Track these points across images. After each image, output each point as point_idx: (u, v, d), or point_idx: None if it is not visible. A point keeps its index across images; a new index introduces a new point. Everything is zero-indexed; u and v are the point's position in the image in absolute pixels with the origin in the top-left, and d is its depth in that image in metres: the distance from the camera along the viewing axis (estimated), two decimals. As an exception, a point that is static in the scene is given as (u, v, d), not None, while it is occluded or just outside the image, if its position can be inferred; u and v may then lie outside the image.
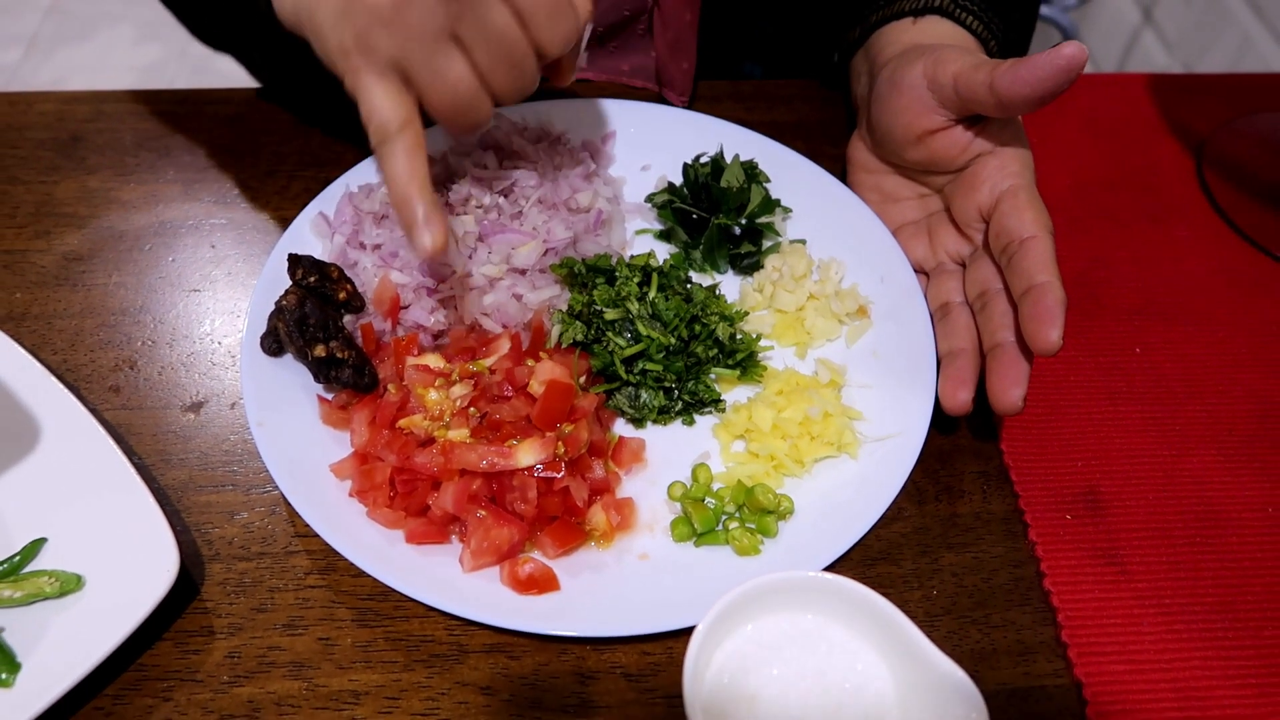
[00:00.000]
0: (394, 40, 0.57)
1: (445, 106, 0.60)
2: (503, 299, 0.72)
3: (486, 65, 0.59)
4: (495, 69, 0.59)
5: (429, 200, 0.60)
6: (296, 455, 0.65)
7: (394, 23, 0.56)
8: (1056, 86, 0.64)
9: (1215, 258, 0.85)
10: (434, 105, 0.60)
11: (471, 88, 0.59)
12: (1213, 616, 0.64)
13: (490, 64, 0.59)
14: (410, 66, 0.58)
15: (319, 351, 0.66)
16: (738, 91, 0.95)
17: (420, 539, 0.63)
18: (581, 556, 0.64)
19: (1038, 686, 0.61)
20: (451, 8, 0.56)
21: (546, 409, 0.64)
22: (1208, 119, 0.95)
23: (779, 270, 0.77)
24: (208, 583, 0.63)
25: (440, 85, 0.59)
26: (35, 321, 0.75)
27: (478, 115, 0.61)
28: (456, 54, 0.58)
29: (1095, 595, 0.65)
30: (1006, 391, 0.65)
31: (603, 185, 0.80)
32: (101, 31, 2.52)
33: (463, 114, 0.60)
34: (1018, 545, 0.67)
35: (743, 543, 0.64)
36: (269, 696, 0.59)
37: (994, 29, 0.78)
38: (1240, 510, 0.69)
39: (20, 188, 0.84)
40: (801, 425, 0.68)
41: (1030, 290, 0.64)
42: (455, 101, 0.59)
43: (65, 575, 0.60)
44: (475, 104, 0.60)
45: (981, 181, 0.71)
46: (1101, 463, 0.71)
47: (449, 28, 0.57)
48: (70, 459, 0.64)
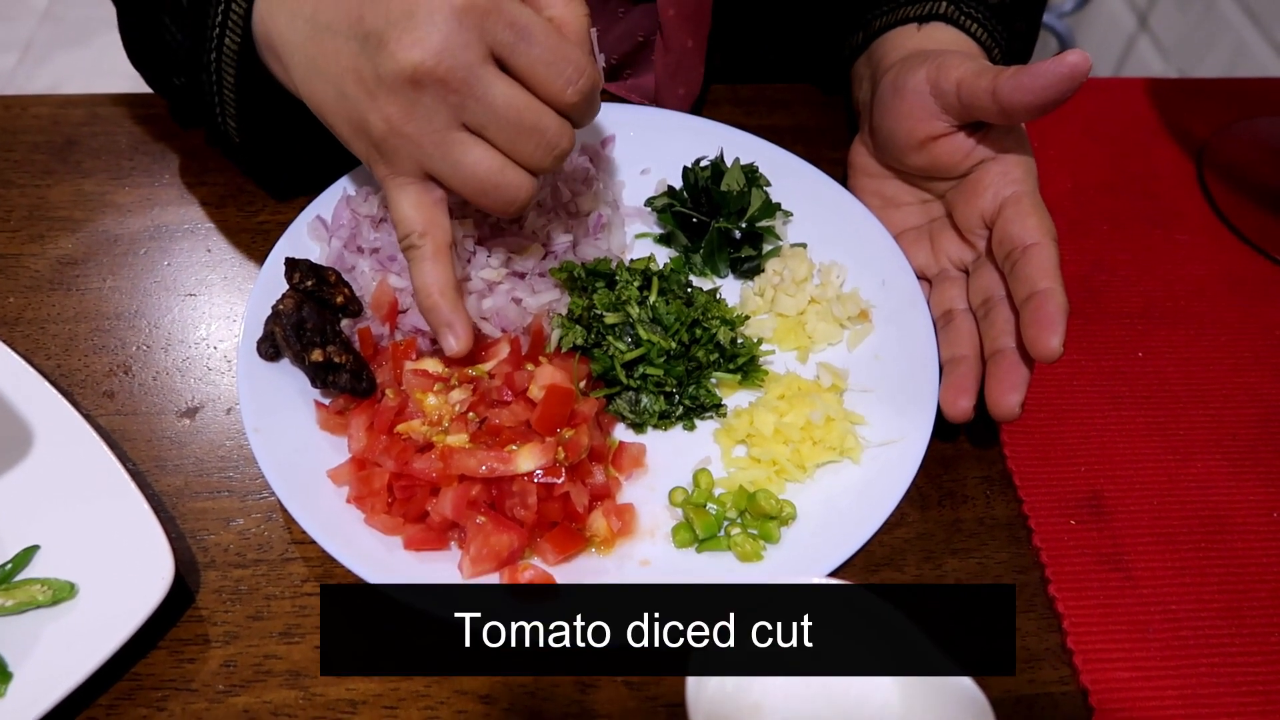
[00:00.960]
0: (407, 150, 0.59)
1: (475, 193, 0.61)
2: (502, 303, 0.71)
3: (504, 141, 0.59)
4: (514, 142, 0.59)
5: (452, 305, 0.64)
6: (293, 461, 0.64)
7: (400, 135, 0.59)
8: (1060, 95, 0.64)
9: (1217, 262, 0.85)
10: (465, 194, 0.61)
11: (494, 169, 0.59)
12: (1218, 622, 0.64)
13: (507, 139, 0.59)
14: (430, 167, 0.60)
15: (316, 356, 0.65)
16: (737, 96, 0.95)
17: (419, 545, 0.62)
18: (582, 563, 0.63)
19: (1043, 694, 0.61)
20: (451, 100, 0.57)
21: (546, 414, 0.63)
22: (1208, 123, 0.95)
23: (780, 274, 0.77)
24: (203, 590, 0.62)
25: (462, 175, 0.60)
26: (29, 326, 0.75)
27: (513, 192, 0.61)
28: (471, 141, 0.59)
29: (1100, 601, 0.64)
30: (1004, 397, 0.65)
31: (602, 189, 0.80)
32: (97, 37, 2.51)
33: (494, 194, 0.60)
34: (1021, 551, 0.67)
35: (745, 549, 0.63)
36: (265, 706, 0.58)
37: (997, 36, 0.78)
38: (1245, 515, 0.69)
39: (14, 191, 0.83)
40: (803, 430, 0.68)
41: (1032, 297, 0.64)
42: (482, 185, 0.60)
43: (58, 583, 0.59)
44: (503, 182, 0.60)
45: (984, 188, 0.71)
46: (1105, 468, 0.71)
47: (454, 121, 0.58)
48: (64, 465, 0.64)
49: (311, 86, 0.63)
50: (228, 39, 0.67)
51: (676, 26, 0.86)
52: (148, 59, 0.76)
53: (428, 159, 0.60)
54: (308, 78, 0.62)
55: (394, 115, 0.58)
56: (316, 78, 0.62)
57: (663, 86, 0.90)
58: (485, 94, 0.57)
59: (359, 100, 0.59)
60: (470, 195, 0.61)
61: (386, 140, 0.60)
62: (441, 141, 0.59)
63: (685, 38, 0.87)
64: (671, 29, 0.86)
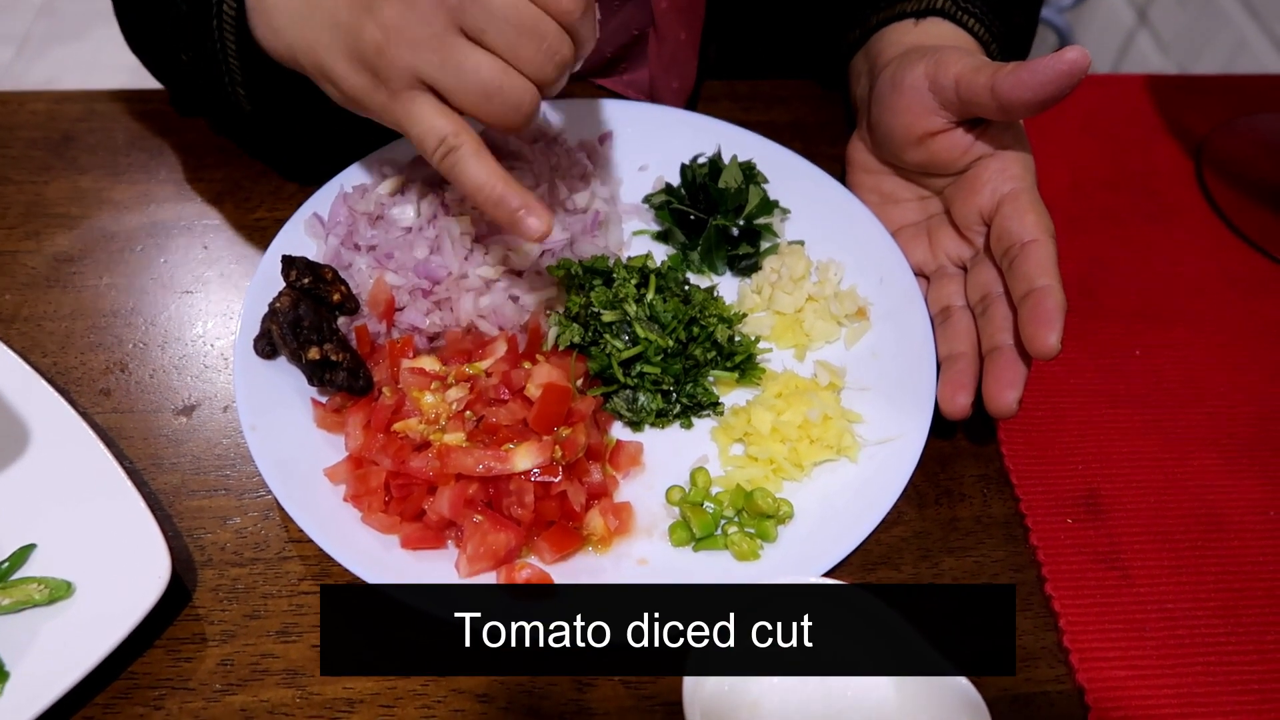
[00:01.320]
0: (405, 59, 0.57)
1: (477, 101, 0.58)
2: (499, 301, 0.71)
3: (505, 46, 0.57)
4: (516, 46, 0.56)
5: (519, 190, 0.60)
6: (290, 459, 0.64)
7: (398, 43, 0.57)
8: (1058, 91, 0.64)
9: (1215, 259, 0.85)
10: (466, 104, 0.59)
11: (496, 73, 0.57)
12: (1215, 621, 0.64)
13: (508, 43, 0.56)
14: (430, 75, 0.58)
15: (313, 354, 0.65)
16: (734, 91, 0.95)
17: (416, 544, 0.62)
18: (579, 561, 0.63)
19: (1040, 692, 0.61)
20: (448, 2, 0.56)
21: (543, 412, 0.63)
22: (1206, 120, 0.95)
23: (777, 272, 0.76)
24: (200, 589, 0.62)
25: (464, 81, 0.57)
26: (25, 324, 0.74)
27: (516, 100, 0.57)
28: (470, 46, 0.57)
29: (1097, 600, 0.64)
30: (1002, 394, 0.65)
31: (600, 186, 0.80)
32: (94, 31, 2.50)
33: (497, 101, 0.57)
34: (1018, 549, 0.67)
35: (742, 547, 0.63)
36: (262, 705, 0.58)
37: (995, 31, 0.78)
38: (1242, 514, 0.69)
39: (11, 188, 0.83)
40: (801, 428, 0.68)
41: (1030, 294, 0.64)
42: (485, 91, 0.57)
43: (55, 582, 0.59)
44: (507, 89, 0.57)
45: (982, 184, 0.71)
46: (1102, 466, 0.71)
47: (452, 24, 0.56)
48: (60, 463, 0.63)
49: (302, 33, 0.61)
50: (226, 3, 0.66)
51: (670, 19, 0.86)
52: (150, 41, 0.75)
53: (427, 65, 0.57)
54: (298, 24, 0.61)
55: (390, 19, 0.57)
56: (306, 22, 0.60)
57: (657, 80, 0.90)
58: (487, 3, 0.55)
59: (354, 18, 0.58)
60: (473, 104, 0.58)
61: (384, 53, 0.58)
62: (441, 45, 0.57)
63: (679, 30, 0.87)
64: (665, 21, 0.86)
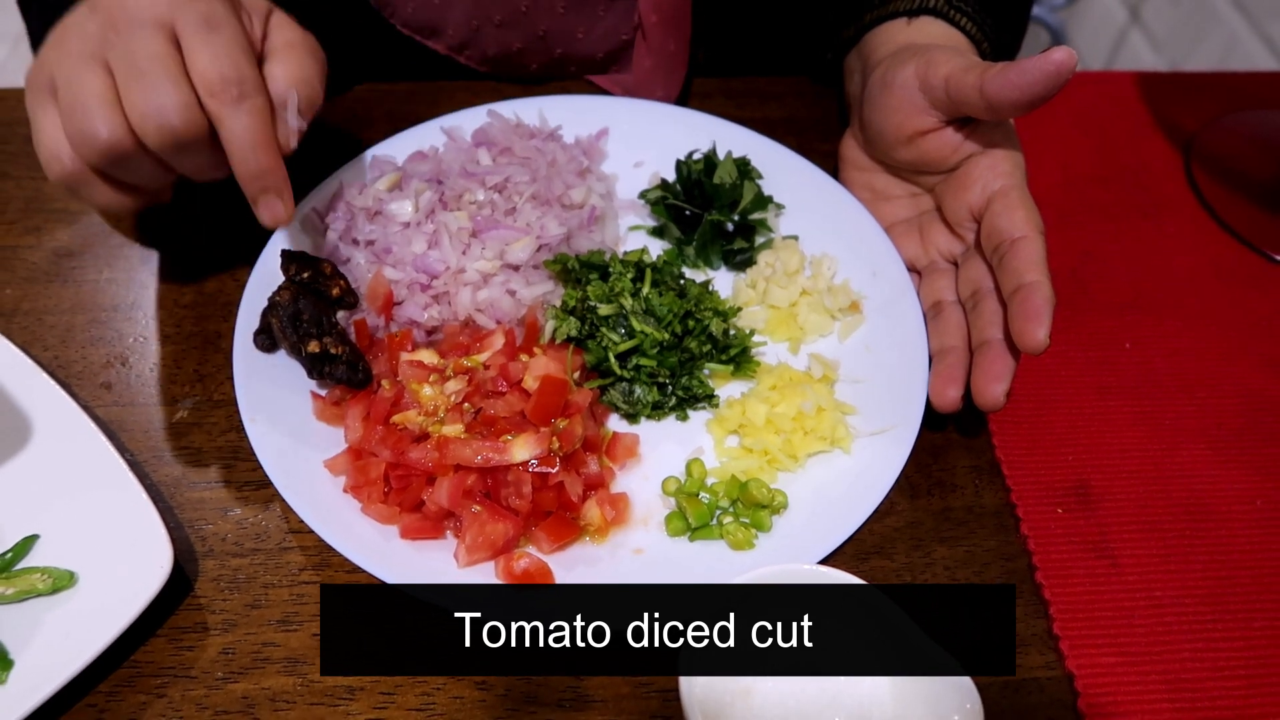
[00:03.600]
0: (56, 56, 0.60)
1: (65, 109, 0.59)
2: (496, 295, 0.72)
3: (120, 78, 0.58)
4: (128, 84, 0.58)
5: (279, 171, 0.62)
6: (290, 451, 0.65)
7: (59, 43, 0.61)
8: (1045, 91, 0.64)
9: (1204, 253, 0.86)
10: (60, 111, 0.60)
11: (96, 96, 0.58)
12: (1202, 608, 0.65)
13: (123, 78, 0.58)
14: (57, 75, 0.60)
15: (313, 347, 0.66)
16: (729, 88, 0.95)
17: (415, 534, 0.63)
18: (576, 551, 0.64)
19: (1030, 678, 0.62)
20: (109, 37, 0.59)
21: (541, 404, 0.64)
22: (1196, 117, 0.96)
23: (772, 266, 0.77)
24: (201, 579, 0.63)
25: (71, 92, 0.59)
26: (26, 318, 0.75)
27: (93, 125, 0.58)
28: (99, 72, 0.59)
29: (1086, 588, 0.65)
30: (989, 387, 0.65)
31: (596, 181, 0.80)
32: (89, 29, 2.50)
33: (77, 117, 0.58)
34: (1009, 539, 0.68)
35: (737, 537, 0.64)
36: (264, 693, 0.59)
37: (986, 30, 0.79)
38: (1229, 503, 0.70)
39: (10, 183, 0.83)
40: (795, 420, 0.68)
41: (1019, 289, 0.65)
42: (74, 107, 0.58)
43: (58, 572, 0.59)
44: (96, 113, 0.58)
45: (973, 181, 0.71)
46: (1092, 457, 0.72)
47: (99, 52, 0.59)
48: (62, 455, 0.64)
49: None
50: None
51: (660, 31, 0.87)
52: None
53: (57, 70, 0.60)
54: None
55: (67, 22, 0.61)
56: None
57: (642, 88, 0.91)
58: (132, 37, 0.58)
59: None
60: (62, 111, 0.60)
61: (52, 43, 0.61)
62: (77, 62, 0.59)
63: (668, 41, 0.88)
64: (655, 33, 0.87)
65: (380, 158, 0.79)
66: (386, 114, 0.90)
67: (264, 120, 0.60)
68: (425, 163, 0.78)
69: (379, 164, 0.79)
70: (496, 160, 0.77)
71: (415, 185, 0.75)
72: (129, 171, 0.61)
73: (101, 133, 0.58)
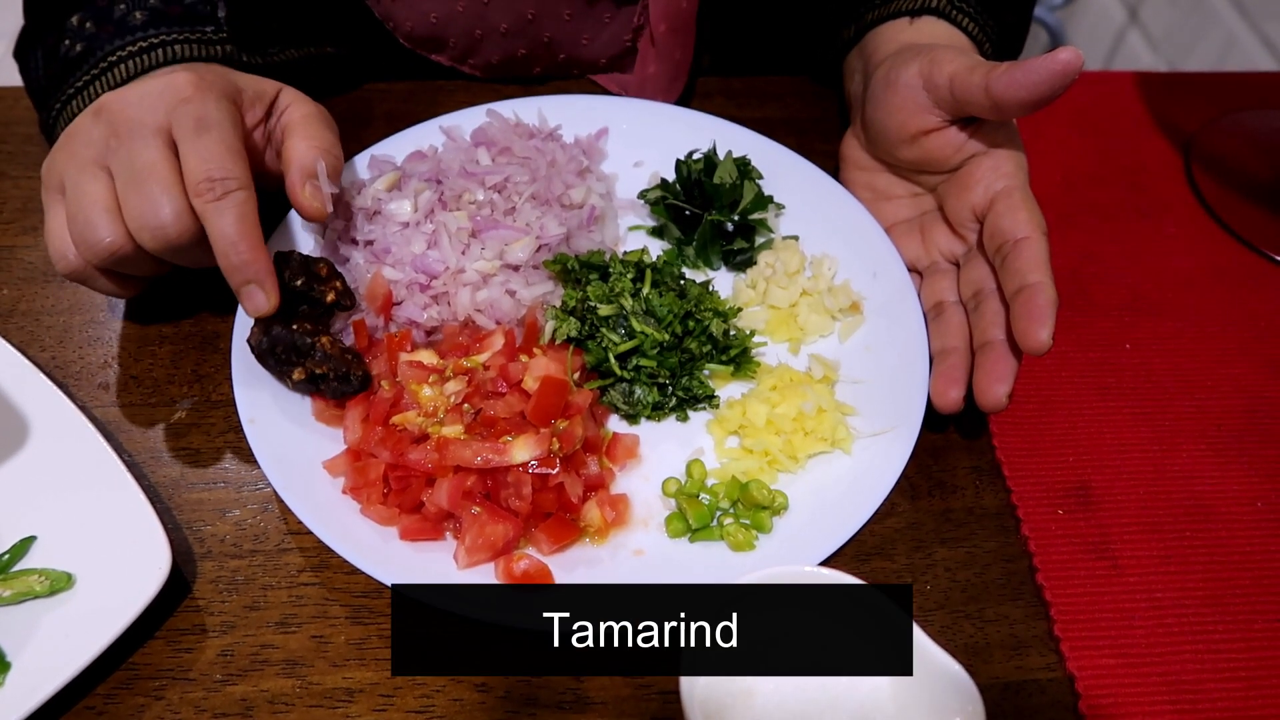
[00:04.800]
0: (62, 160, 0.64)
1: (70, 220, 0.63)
2: (496, 295, 0.71)
3: (120, 187, 0.62)
4: (125, 191, 0.62)
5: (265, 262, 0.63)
6: (289, 452, 0.64)
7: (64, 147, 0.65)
8: (1051, 91, 0.64)
9: (1204, 254, 0.86)
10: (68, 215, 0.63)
11: (98, 205, 0.62)
12: (1203, 610, 0.65)
13: (122, 187, 0.62)
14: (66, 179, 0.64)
15: (298, 375, 0.65)
16: (729, 88, 0.95)
17: (414, 536, 0.62)
18: (576, 552, 0.64)
19: (1031, 680, 0.61)
20: (111, 144, 0.63)
21: (541, 405, 0.64)
22: (1195, 117, 0.96)
23: (772, 266, 0.77)
24: (199, 580, 0.63)
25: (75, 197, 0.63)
26: (23, 318, 0.75)
27: (95, 234, 0.62)
28: (102, 178, 0.63)
29: (1087, 589, 0.65)
30: (992, 388, 0.65)
31: (596, 181, 0.80)
32: (86, 27, 2.49)
33: (81, 228, 0.62)
34: (1010, 540, 0.67)
35: (737, 538, 0.64)
36: (262, 695, 0.59)
37: (989, 31, 0.79)
38: (1229, 504, 0.70)
39: (8, 183, 0.83)
40: (795, 421, 0.68)
41: (1022, 290, 0.65)
42: (77, 213, 0.62)
43: (55, 573, 0.59)
44: (97, 222, 0.62)
45: (975, 182, 0.71)
46: (1092, 458, 0.72)
47: (101, 158, 0.63)
48: (60, 456, 0.64)
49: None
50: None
51: (669, 39, 0.87)
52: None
53: (65, 173, 0.64)
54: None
55: (76, 126, 0.65)
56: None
57: (644, 94, 0.91)
58: (132, 146, 0.62)
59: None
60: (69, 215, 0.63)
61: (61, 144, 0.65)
62: (82, 168, 0.63)
63: (674, 49, 0.88)
64: (664, 41, 0.87)
65: (379, 157, 0.79)
66: (385, 114, 0.89)
67: (244, 215, 0.62)
68: (424, 162, 0.78)
69: (378, 164, 0.78)
70: (496, 160, 0.77)
71: (414, 185, 0.74)
72: (129, 268, 0.65)
73: (104, 239, 0.62)
